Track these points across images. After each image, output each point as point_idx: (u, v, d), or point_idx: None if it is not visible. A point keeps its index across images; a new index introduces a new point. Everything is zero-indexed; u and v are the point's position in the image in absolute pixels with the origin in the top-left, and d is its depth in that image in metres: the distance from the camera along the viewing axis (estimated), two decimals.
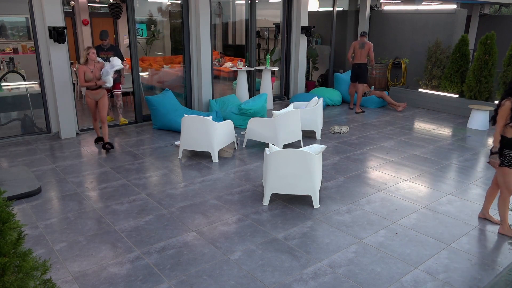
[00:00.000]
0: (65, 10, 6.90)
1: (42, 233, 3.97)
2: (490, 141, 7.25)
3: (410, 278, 3.36)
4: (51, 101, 6.96)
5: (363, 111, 9.23)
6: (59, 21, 6.55)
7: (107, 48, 7.54)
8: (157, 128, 7.69)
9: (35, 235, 3.94)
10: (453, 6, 10.07)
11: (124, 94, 9.17)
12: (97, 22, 13.87)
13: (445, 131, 7.93)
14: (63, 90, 6.84)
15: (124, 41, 13.84)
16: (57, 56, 6.66)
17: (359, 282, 3.30)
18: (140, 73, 8.07)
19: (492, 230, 4.17)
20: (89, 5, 13.48)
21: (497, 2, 11.64)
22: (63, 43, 6.57)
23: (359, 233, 4.05)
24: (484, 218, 4.36)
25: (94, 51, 6.07)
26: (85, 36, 13.60)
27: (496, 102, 7.85)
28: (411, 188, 5.17)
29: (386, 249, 3.78)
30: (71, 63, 7.36)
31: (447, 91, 9.45)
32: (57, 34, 6.44)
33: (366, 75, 9.17)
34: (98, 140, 6.75)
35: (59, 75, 6.74)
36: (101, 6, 14.00)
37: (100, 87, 6.15)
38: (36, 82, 7.39)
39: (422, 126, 8.31)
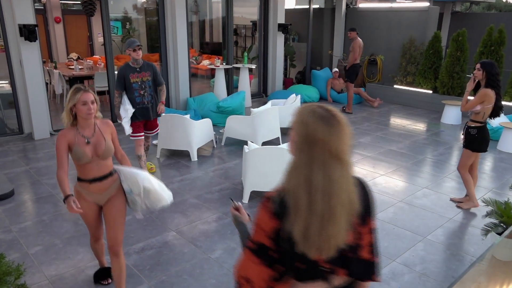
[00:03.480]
0: (36, 7, 6.71)
1: (16, 237, 3.86)
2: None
3: (388, 270, 3.43)
4: (23, 101, 6.76)
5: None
6: (30, 19, 6.36)
7: (140, 67, 4.75)
8: None
9: (8, 239, 3.83)
10: (426, 4, 10.28)
11: (100, 93, 9.01)
12: (70, 19, 13.56)
13: (420, 126, 8.11)
14: (36, 89, 6.65)
15: (98, 39, 13.59)
16: (28, 55, 6.47)
17: None
18: (116, 72, 7.93)
19: (465, 222, 4.29)
20: (61, 2, 13.15)
21: (468, 0, 11.97)
22: (35, 41, 6.39)
23: None
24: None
25: (92, 97, 2.72)
26: (58, 34, 13.28)
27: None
28: (388, 182, 5.27)
29: None
30: (43, 62, 7.15)
31: (421, 87, 9.67)
32: (28, 32, 6.25)
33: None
34: (102, 274, 3.27)
35: (31, 74, 6.55)
36: (74, 3, 13.67)
37: (110, 174, 2.82)
38: (7, 82, 7.17)
39: (397, 121, 8.47)
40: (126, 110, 4.81)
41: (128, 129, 4.87)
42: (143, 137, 5.06)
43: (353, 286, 1.52)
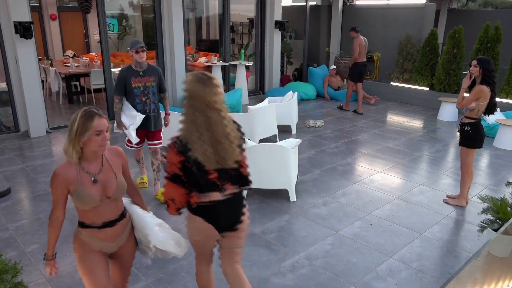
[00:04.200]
0: (31, 4, 6.67)
1: (13, 235, 3.85)
2: None
3: (385, 267, 3.44)
4: (19, 99, 6.72)
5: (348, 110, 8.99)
6: (26, 16, 6.32)
7: (143, 71, 4.32)
8: None
9: (5, 237, 3.82)
10: (422, 1, 10.29)
11: (96, 90, 8.98)
12: (65, 17, 13.49)
13: (417, 123, 8.13)
14: (31, 87, 6.62)
15: (94, 36, 13.53)
16: (24, 52, 6.43)
17: (335, 273, 3.35)
18: (112, 69, 7.90)
19: (462, 219, 4.31)
20: None
21: None
22: (30, 38, 6.34)
23: (335, 225, 4.11)
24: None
25: (107, 123, 2.16)
26: (54, 31, 13.22)
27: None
28: (385, 179, 5.29)
29: (362, 240, 3.85)
30: (39, 60, 7.11)
31: (418, 84, 9.68)
32: (23, 29, 6.21)
33: (365, 73, 8.97)
34: None
35: (27, 71, 6.51)
36: (69, 0, 13.60)
37: (123, 215, 2.31)
38: (3, 80, 7.13)
39: (394, 118, 8.49)
40: (133, 117, 4.28)
41: (135, 137, 4.37)
42: (138, 148, 4.69)
43: (238, 194, 2.34)
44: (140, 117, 4.28)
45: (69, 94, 9.33)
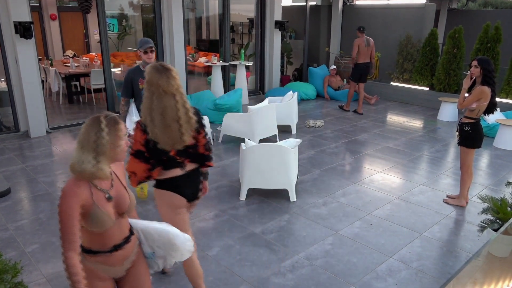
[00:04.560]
0: (31, 4, 6.67)
1: (13, 235, 3.85)
2: None
3: (385, 267, 3.44)
4: (19, 99, 6.72)
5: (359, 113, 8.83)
6: (26, 16, 6.32)
7: None
8: None
9: (5, 237, 3.82)
10: (422, 1, 10.29)
11: (96, 90, 8.98)
12: (65, 17, 13.49)
13: (417, 123, 8.13)
14: (31, 87, 6.62)
15: (94, 36, 13.53)
16: (24, 52, 6.43)
17: (335, 273, 3.35)
18: (112, 69, 7.90)
19: (462, 219, 4.31)
20: None
21: None
22: (30, 38, 6.34)
23: (335, 225, 4.11)
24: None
25: (125, 130, 1.91)
26: (54, 31, 13.22)
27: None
28: (385, 179, 5.29)
29: (362, 240, 3.85)
30: (39, 59, 7.11)
31: (418, 84, 9.68)
32: (23, 29, 6.21)
33: (368, 74, 8.84)
34: None
35: (27, 71, 6.51)
36: (69, 0, 13.60)
37: (131, 233, 2.05)
38: (2, 80, 7.12)
39: (394, 118, 8.49)
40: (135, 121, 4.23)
41: None
42: None
43: (196, 170, 2.66)
44: None
45: (69, 94, 9.33)
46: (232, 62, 9.54)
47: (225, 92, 9.16)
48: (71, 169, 1.78)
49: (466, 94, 4.31)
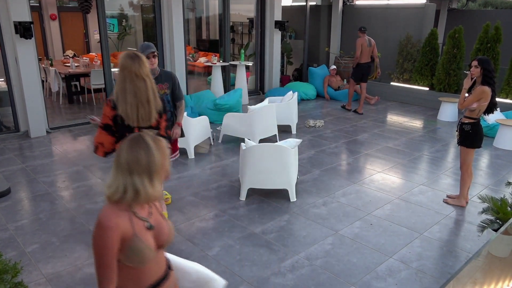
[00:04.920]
0: (31, 4, 6.67)
1: (13, 235, 3.85)
2: None
3: (385, 267, 3.44)
4: (19, 99, 6.72)
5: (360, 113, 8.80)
6: (26, 16, 6.32)
7: (156, 78, 3.69)
8: None
9: (5, 237, 3.82)
10: (422, 1, 10.29)
11: (96, 90, 8.97)
12: (65, 17, 13.50)
13: (417, 123, 8.13)
14: (31, 87, 6.62)
15: (94, 36, 13.53)
16: (24, 52, 6.43)
17: (335, 273, 3.36)
18: (112, 69, 7.90)
19: (462, 219, 4.31)
20: None
21: None
22: (30, 38, 6.34)
23: (335, 225, 4.11)
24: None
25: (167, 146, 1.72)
26: (54, 31, 13.22)
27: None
28: (385, 179, 5.29)
29: (362, 240, 3.85)
30: (39, 59, 7.11)
31: (418, 84, 9.68)
32: (23, 29, 6.21)
33: (369, 74, 8.82)
34: None
35: (27, 71, 6.51)
36: (69, 0, 13.60)
37: (170, 268, 1.84)
38: (2, 80, 7.12)
39: (394, 118, 8.49)
40: None
41: None
42: None
43: None
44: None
45: (69, 94, 9.33)
46: (232, 62, 9.54)
47: (225, 92, 9.17)
48: (110, 196, 1.55)
49: (466, 94, 4.31)
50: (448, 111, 8.33)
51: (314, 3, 11.74)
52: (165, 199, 4.46)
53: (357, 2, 11.56)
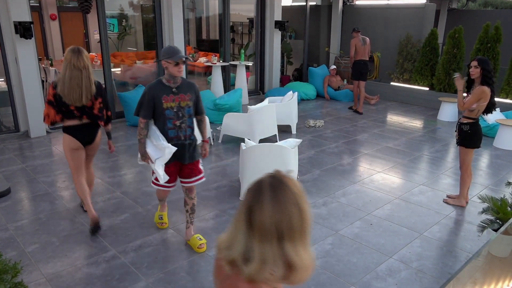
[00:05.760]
0: (31, 4, 6.67)
1: (13, 235, 3.85)
2: None
3: (385, 267, 3.44)
4: (19, 99, 6.72)
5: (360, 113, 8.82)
6: (26, 16, 6.32)
7: (177, 87, 3.33)
8: (131, 125, 7.56)
9: (5, 237, 3.82)
10: (422, 1, 10.29)
11: None
12: (65, 17, 13.49)
13: (417, 123, 8.13)
14: (31, 87, 6.62)
15: (94, 36, 13.53)
16: (24, 52, 6.43)
17: (335, 273, 3.36)
18: (112, 69, 7.90)
19: (462, 219, 4.31)
20: None
21: None
22: (30, 38, 6.34)
23: (335, 225, 4.11)
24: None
25: None
26: (54, 31, 13.22)
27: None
28: (385, 179, 5.29)
29: (362, 240, 3.85)
30: (39, 59, 7.10)
31: (418, 84, 9.68)
32: (23, 29, 6.21)
33: (367, 72, 8.88)
34: None
35: (27, 71, 6.51)
36: (69, 0, 13.60)
37: None
38: (2, 79, 7.12)
39: (394, 118, 8.49)
40: (162, 148, 3.30)
41: (163, 176, 3.37)
42: (169, 189, 3.59)
43: (92, 123, 3.80)
44: (170, 149, 3.27)
45: None
46: (232, 62, 9.54)
47: (225, 92, 9.17)
48: (255, 273, 1.14)
49: (465, 94, 4.31)
50: (448, 111, 8.33)
51: (314, 3, 11.74)
52: (161, 223, 4.02)
53: (357, 2, 11.56)
